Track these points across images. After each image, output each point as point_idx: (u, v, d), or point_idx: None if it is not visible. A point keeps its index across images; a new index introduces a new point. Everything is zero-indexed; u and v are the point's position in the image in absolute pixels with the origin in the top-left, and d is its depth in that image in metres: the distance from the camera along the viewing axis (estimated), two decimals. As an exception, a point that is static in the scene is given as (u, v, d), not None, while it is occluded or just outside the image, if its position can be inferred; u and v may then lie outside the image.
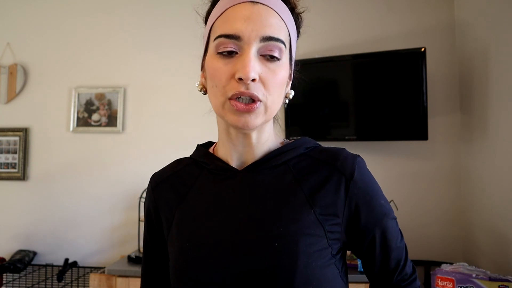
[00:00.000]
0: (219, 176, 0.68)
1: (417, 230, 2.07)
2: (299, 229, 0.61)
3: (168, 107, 2.33)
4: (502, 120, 1.66)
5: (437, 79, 2.09)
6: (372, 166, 2.48)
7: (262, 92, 0.60)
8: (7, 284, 2.24)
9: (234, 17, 0.59)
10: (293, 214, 0.63)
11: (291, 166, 0.67)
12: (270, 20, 0.60)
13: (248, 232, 0.62)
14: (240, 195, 0.65)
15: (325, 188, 0.65)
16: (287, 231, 0.61)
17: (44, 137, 2.40)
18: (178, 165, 0.76)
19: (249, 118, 0.60)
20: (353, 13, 2.22)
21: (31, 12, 2.48)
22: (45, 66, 2.44)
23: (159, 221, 0.73)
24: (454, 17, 2.12)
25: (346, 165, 0.66)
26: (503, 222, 1.64)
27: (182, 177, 0.73)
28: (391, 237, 0.69)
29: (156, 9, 2.39)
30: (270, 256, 0.60)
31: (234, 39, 0.59)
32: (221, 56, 0.60)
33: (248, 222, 0.63)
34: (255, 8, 0.59)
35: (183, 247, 0.65)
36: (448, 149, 2.09)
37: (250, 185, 0.65)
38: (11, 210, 2.38)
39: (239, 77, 0.58)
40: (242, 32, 0.58)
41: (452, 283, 1.28)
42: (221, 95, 0.61)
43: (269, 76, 0.60)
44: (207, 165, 0.70)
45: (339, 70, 2.08)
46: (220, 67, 0.60)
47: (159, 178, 0.75)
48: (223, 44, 0.60)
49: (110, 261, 2.24)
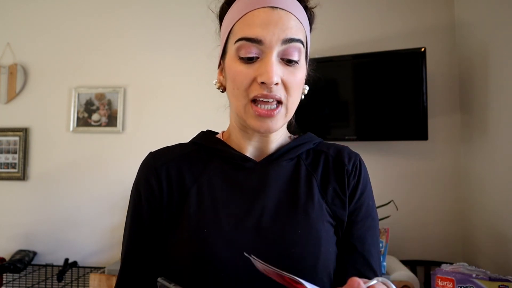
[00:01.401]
0: (235, 165, 0.69)
1: (417, 230, 2.07)
2: (317, 217, 0.66)
3: (168, 107, 2.33)
4: (502, 120, 1.66)
5: (437, 79, 2.09)
6: (372, 166, 2.47)
7: (284, 94, 0.63)
8: (7, 284, 2.24)
9: (255, 22, 0.61)
10: (311, 203, 0.67)
11: (303, 159, 0.72)
12: (290, 23, 0.62)
13: (271, 219, 0.64)
14: (260, 185, 0.67)
15: (333, 179, 0.70)
16: (307, 219, 0.65)
17: (44, 137, 2.40)
18: (184, 148, 0.73)
19: (270, 124, 0.63)
20: (353, 13, 2.22)
21: (31, 12, 2.48)
22: (45, 66, 2.44)
23: (161, 202, 0.68)
24: (454, 17, 2.12)
25: (350, 159, 0.72)
26: (503, 222, 1.64)
27: (191, 161, 0.71)
28: (370, 240, 0.69)
29: (156, 9, 2.39)
30: (295, 242, 0.63)
31: (256, 43, 0.61)
32: (242, 59, 0.62)
33: (270, 210, 0.65)
34: (275, 12, 0.61)
35: (202, 233, 0.63)
36: (448, 149, 2.09)
37: (269, 176, 0.68)
38: (11, 210, 2.38)
39: (262, 81, 0.60)
40: (263, 36, 0.60)
41: (452, 283, 1.28)
42: (243, 97, 0.63)
43: (290, 78, 0.63)
44: (221, 153, 0.70)
45: (339, 70, 2.08)
46: (242, 70, 0.62)
47: (164, 157, 0.71)
48: (245, 47, 0.61)
49: (110, 261, 2.24)
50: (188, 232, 0.64)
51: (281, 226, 0.64)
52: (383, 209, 1.99)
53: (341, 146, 0.75)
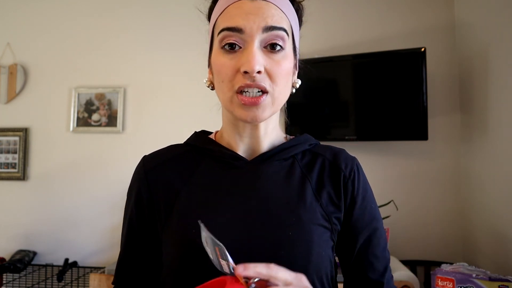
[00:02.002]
0: (226, 164, 0.68)
1: (417, 230, 2.07)
2: (310, 220, 0.64)
3: (168, 107, 2.33)
4: (502, 120, 1.66)
5: (437, 79, 2.09)
6: (372, 166, 2.47)
7: (268, 83, 0.62)
8: (7, 284, 2.24)
9: (236, 12, 0.62)
10: (304, 205, 0.65)
11: (298, 160, 0.71)
12: (270, 12, 0.62)
13: (262, 220, 0.63)
14: (251, 184, 0.66)
15: (329, 184, 0.69)
16: (299, 221, 0.64)
17: (44, 137, 2.40)
18: (175, 150, 0.74)
19: (257, 112, 0.62)
20: (353, 13, 2.22)
21: (31, 12, 2.48)
22: (45, 66, 2.44)
23: (151, 206, 0.69)
24: (454, 17, 2.12)
25: (347, 164, 0.71)
26: (503, 222, 1.64)
27: (181, 162, 0.71)
28: (377, 242, 0.71)
29: (156, 9, 2.39)
30: (285, 244, 0.61)
31: (237, 32, 0.61)
32: (225, 51, 0.62)
33: (261, 211, 0.64)
34: (256, 3, 0.62)
35: (190, 233, 0.62)
36: (448, 149, 2.09)
37: (260, 176, 0.67)
38: (11, 210, 2.38)
39: (244, 70, 0.59)
40: (244, 25, 0.60)
41: (452, 283, 1.28)
42: (228, 90, 0.63)
43: (274, 67, 0.62)
44: (213, 153, 0.70)
45: (339, 70, 2.08)
46: (225, 62, 0.62)
47: (154, 161, 0.72)
48: (226, 37, 0.62)
49: (110, 261, 2.24)
50: (177, 233, 0.64)
51: (271, 227, 0.63)
52: (383, 209, 1.99)
53: (338, 149, 0.74)
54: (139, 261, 0.72)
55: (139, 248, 0.71)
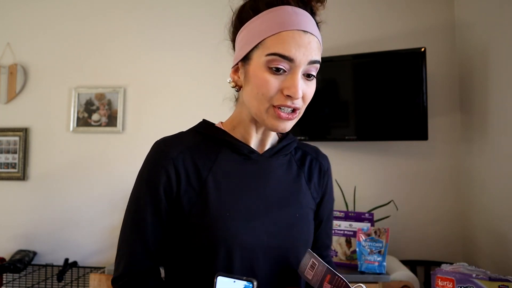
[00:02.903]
0: (242, 156, 0.78)
1: (417, 230, 2.07)
2: (307, 204, 0.83)
3: (168, 107, 2.33)
4: (502, 120, 1.66)
5: (437, 79, 2.09)
6: (372, 166, 2.46)
7: (301, 104, 0.73)
8: (7, 284, 2.24)
9: (290, 42, 0.69)
10: (302, 192, 0.83)
11: (293, 156, 0.86)
12: (315, 46, 0.71)
13: (276, 205, 0.77)
14: (266, 174, 0.79)
15: (314, 175, 0.86)
16: (301, 205, 0.81)
17: (44, 137, 2.40)
18: (191, 138, 0.79)
19: (287, 124, 0.73)
20: (353, 13, 2.22)
21: (31, 12, 2.48)
22: (45, 66, 2.44)
23: (178, 191, 0.73)
24: (454, 17, 2.12)
25: (324, 160, 0.90)
26: (503, 222, 1.64)
27: (202, 151, 0.77)
28: (331, 224, 0.95)
29: (156, 9, 2.39)
30: (296, 224, 0.79)
31: (288, 60, 0.69)
32: (271, 71, 0.70)
33: (275, 197, 0.78)
34: (306, 36, 0.70)
35: (224, 216, 0.72)
36: (448, 149, 2.09)
37: (271, 167, 0.80)
38: (11, 210, 2.38)
39: (288, 94, 0.69)
40: (295, 56, 0.69)
41: (452, 283, 1.28)
42: (266, 102, 0.71)
43: (308, 91, 0.73)
44: (231, 145, 0.77)
45: (339, 70, 2.08)
46: (270, 80, 0.70)
47: (178, 147, 0.76)
48: (277, 61, 0.69)
49: (110, 261, 2.24)
50: (213, 216, 0.72)
51: (284, 211, 0.78)
52: (383, 209, 1.99)
53: (315, 147, 0.91)
54: (154, 248, 0.75)
55: (158, 235, 0.75)
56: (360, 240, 1.58)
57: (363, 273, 1.56)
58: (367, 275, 1.55)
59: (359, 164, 2.14)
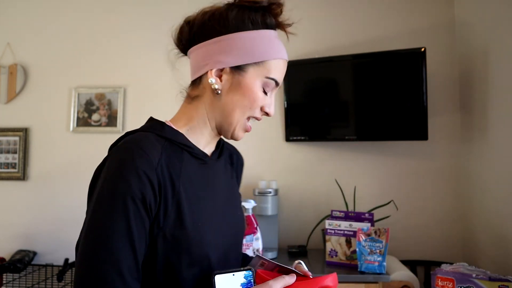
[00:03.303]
0: (199, 160, 0.79)
1: (417, 230, 2.07)
2: (239, 201, 0.93)
3: (168, 107, 2.33)
4: (502, 120, 1.66)
5: (437, 79, 2.09)
6: (372, 166, 2.46)
7: None
8: (7, 284, 2.24)
9: (282, 71, 0.80)
10: (236, 191, 0.93)
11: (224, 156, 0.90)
12: None
13: (227, 206, 0.84)
14: (218, 178, 0.83)
15: (238, 171, 0.95)
16: (239, 203, 0.92)
17: (44, 137, 2.40)
18: (158, 142, 0.72)
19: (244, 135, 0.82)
20: (353, 13, 2.22)
21: (31, 12, 2.48)
22: (45, 66, 2.44)
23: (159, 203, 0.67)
24: (454, 17, 2.12)
25: (240, 154, 0.97)
26: (503, 222, 1.64)
27: (171, 157, 0.72)
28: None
29: (156, 9, 2.39)
30: (239, 220, 0.88)
31: (277, 86, 0.80)
32: (263, 89, 0.78)
33: (224, 200, 0.83)
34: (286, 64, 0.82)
35: (197, 223, 0.72)
36: (448, 149, 2.09)
37: (219, 170, 0.85)
38: (11, 210, 2.38)
39: (267, 112, 0.80)
40: (280, 83, 0.81)
41: (452, 283, 1.28)
42: (246, 114, 0.78)
43: None
44: (190, 149, 0.77)
45: (339, 70, 2.08)
46: (261, 97, 0.78)
47: (156, 153, 0.69)
48: (271, 85, 0.78)
49: (110, 261, 2.24)
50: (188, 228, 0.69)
51: (230, 211, 0.84)
52: (383, 209, 1.99)
53: (231, 144, 0.96)
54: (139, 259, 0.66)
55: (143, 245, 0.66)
56: (360, 240, 1.58)
57: (363, 273, 1.56)
58: (367, 275, 1.55)
59: (359, 164, 2.14)
